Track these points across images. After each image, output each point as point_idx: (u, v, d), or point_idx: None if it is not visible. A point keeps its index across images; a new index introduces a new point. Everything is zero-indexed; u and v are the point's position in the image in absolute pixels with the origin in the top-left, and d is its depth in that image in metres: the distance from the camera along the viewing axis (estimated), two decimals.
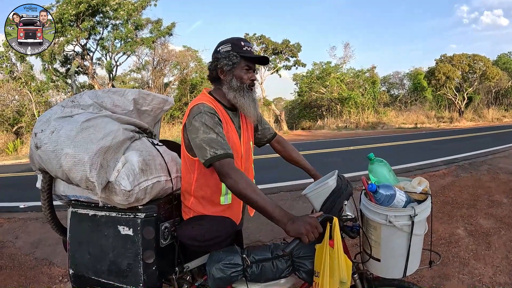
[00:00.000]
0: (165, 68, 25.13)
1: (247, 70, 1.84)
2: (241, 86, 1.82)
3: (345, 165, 8.56)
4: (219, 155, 1.59)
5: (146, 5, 19.97)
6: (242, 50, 1.81)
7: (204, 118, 1.67)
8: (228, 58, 1.80)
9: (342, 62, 29.95)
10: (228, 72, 1.83)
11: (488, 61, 29.52)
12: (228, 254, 1.68)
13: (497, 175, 6.66)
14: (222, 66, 1.82)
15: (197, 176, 1.80)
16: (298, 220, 1.43)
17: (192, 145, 1.69)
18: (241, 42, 1.83)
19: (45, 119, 1.69)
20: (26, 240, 4.51)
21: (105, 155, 1.55)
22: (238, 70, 1.82)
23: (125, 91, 2.03)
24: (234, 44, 1.82)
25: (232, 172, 1.56)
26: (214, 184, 1.80)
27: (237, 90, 1.82)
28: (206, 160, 1.61)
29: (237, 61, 1.80)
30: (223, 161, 1.59)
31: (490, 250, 3.74)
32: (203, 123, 1.65)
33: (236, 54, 1.80)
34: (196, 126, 1.66)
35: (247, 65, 1.83)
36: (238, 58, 1.80)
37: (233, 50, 1.80)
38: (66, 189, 1.80)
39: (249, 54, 1.82)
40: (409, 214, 1.52)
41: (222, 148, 1.61)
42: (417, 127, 23.80)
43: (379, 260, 1.63)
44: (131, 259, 1.63)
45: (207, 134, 1.63)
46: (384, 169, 1.74)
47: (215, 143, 1.61)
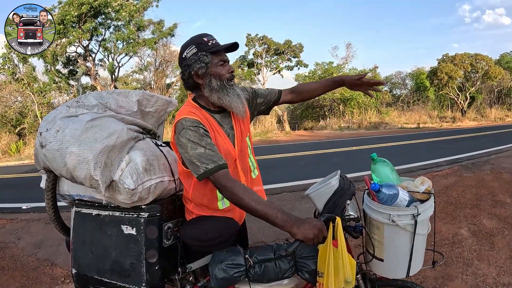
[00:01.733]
0: (167, 69, 25.20)
1: (222, 64, 1.74)
2: (222, 84, 1.73)
3: (348, 165, 8.57)
4: (211, 169, 1.56)
5: (148, 6, 20.04)
6: (209, 46, 1.70)
7: (188, 134, 1.61)
8: (198, 60, 1.70)
9: (344, 62, 29.94)
10: (204, 74, 1.72)
11: (491, 60, 29.44)
12: (231, 254, 1.68)
13: (500, 174, 6.64)
14: (197, 70, 1.71)
15: (193, 185, 1.78)
16: (304, 223, 1.41)
17: (184, 159, 1.66)
18: (203, 38, 1.72)
19: (50, 118, 1.71)
20: (29, 241, 4.52)
21: (109, 154, 1.56)
22: (213, 68, 1.72)
23: (129, 92, 2.04)
24: (198, 44, 1.72)
25: (228, 184, 1.54)
26: (209, 193, 1.77)
27: (219, 90, 1.73)
28: (199, 175, 1.58)
29: (209, 59, 1.70)
30: (216, 174, 1.56)
31: (493, 250, 3.73)
32: (189, 140, 1.60)
33: (204, 53, 1.69)
34: (183, 142, 1.61)
35: (220, 59, 1.73)
36: (208, 56, 1.70)
37: (200, 50, 1.70)
38: (70, 188, 1.81)
39: (217, 47, 1.72)
40: (412, 213, 1.51)
41: (213, 161, 1.57)
42: (419, 127, 23.75)
43: (382, 260, 1.63)
44: (134, 258, 1.63)
45: (194, 150, 1.58)
46: (386, 169, 1.74)
47: (204, 157, 1.57)
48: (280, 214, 1.45)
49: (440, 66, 29.19)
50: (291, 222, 1.42)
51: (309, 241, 1.39)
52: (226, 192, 1.55)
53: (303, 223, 1.41)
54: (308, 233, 1.38)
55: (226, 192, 1.55)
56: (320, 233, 1.40)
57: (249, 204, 1.49)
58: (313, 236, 1.38)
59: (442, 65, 29.17)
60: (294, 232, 1.40)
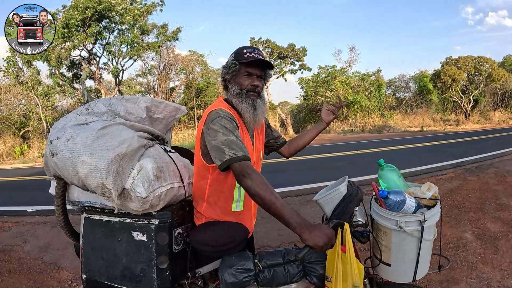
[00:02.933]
0: (171, 72, 25.29)
1: (248, 76, 1.86)
2: (240, 92, 1.85)
3: (352, 169, 8.57)
4: (239, 156, 1.58)
5: (152, 10, 20.16)
6: (243, 58, 1.83)
7: (223, 121, 1.68)
8: (228, 67, 1.87)
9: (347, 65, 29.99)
10: (231, 80, 1.90)
11: (494, 63, 29.43)
12: (240, 259, 1.69)
13: (504, 178, 6.65)
14: (225, 75, 1.91)
15: (210, 181, 1.81)
16: (316, 230, 1.40)
17: (209, 148, 1.69)
18: (243, 50, 1.86)
19: (60, 126, 1.71)
20: (35, 244, 4.55)
21: (121, 162, 1.57)
22: (238, 77, 1.87)
23: (138, 98, 2.07)
24: (237, 53, 1.87)
25: (252, 173, 1.55)
26: (227, 190, 1.82)
27: (237, 96, 1.86)
28: (224, 161, 1.59)
29: (237, 69, 1.86)
30: (243, 162, 1.58)
31: (498, 253, 3.73)
32: (223, 126, 1.66)
33: (235, 62, 1.85)
34: (215, 129, 1.66)
35: (247, 71, 1.85)
36: (237, 65, 1.85)
37: (235, 58, 1.86)
38: (80, 195, 1.82)
39: (247, 59, 1.83)
40: (419, 220, 1.53)
41: (242, 150, 1.61)
42: (423, 130, 23.72)
43: (389, 265, 1.65)
44: (145, 264, 1.65)
45: (226, 136, 1.63)
46: (394, 175, 1.75)
47: (235, 144, 1.62)
48: (295, 216, 1.45)
49: (444, 69, 29.19)
50: (304, 227, 1.41)
51: (319, 248, 1.39)
52: (249, 180, 1.53)
53: (314, 230, 1.40)
54: (319, 240, 1.38)
55: (249, 180, 1.53)
56: (330, 241, 1.41)
57: (269, 197, 1.48)
58: (323, 244, 1.38)
59: (445, 68, 29.17)
60: (305, 237, 1.40)
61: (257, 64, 1.86)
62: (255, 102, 1.87)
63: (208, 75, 27.76)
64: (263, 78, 1.92)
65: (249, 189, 1.53)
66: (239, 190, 1.84)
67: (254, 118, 1.86)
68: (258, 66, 1.87)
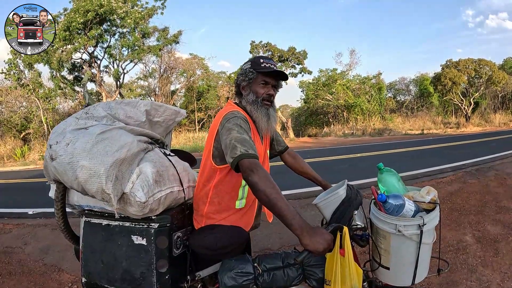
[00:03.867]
0: (171, 75, 25.33)
1: (264, 85, 1.93)
2: (255, 100, 1.92)
3: (353, 172, 8.56)
4: (250, 153, 1.62)
5: (153, 13, 20.19)
6: (260, 67, 1.91)
7: (239, 121, 1.75)
8: (245, 74, 1.95)
9: (348, 68, 30.02)
10: (246, 87, 1.97)
11: (494, 65, 29.45)
12: (240, 262, 1.70)
13: (504, 180, 6.64)
14: (241, 81, 1.98)
15: (216, 182, 1.84)
16: (316, 235, 1.40)
17: (222, 146, 1.73)
18: (260, 59, 1.94)
19: (60, 130, 1.72)
20: (35, 246, 4.54)
21: (120, 167, 1.58)
22: (254, 85, 1.94)
23: (138, 102, 2.07)
24: (253, 62, 1.94)
25: (260, 170, 1.57)
26: (232, 189, 1.85)
27: (252, 104, 1.92)
28: (235, 157, 1.61)
29: (253, 77, 1.93)
30: (252, 159, 1.60)
31: (498, 256, 3.73)
32: (238, 125, 1.73)
33: (253, 70, 1.92)
34: (230, 127, 1.72)
35: (264, 80, 1.93)
36: (254, 74, 1.92)
37: (252, 67, 1.93)
38: (80, 199, 1.82)
39: (265, 69, 1.90)
40: (418, 224, 1.53)
41: (253, 149, 1.65)
42: (423, 133, 23.73)
43: (388, 268, 1.65)
44: (145, 268, 1.66)
45: (241, 134, 1.69)
46: (393, 179, 1.76)
47: (248, 143, 1.66)
48: (298, 218, 1.45)
49: (444, 72, 29.21)
50: (305, 230, 1.41)
51: (318, 253, 1.40)
52: (256, 176, 1.55)
53: (315, 235, 1.40)
54: (319, 246, 1.39)
55: (256, 176, 1.55)
56: (329, 246, 1.41)
57: (274, 195, 1.50)
58: (322, 250, 1.39)
59: (445, 70, 29.20)
60: (305, 242, 1.39)
61: (274, 74, 1.94)
62: (269, 111, 1.95)
63: (209, 78, 27.81)
64: (276, 87, 2.00)
65: (256, 185, 1.53)
66: (243, 189, 1.86)
67: (268, 126, 1.95)
68: (273, 76, 1.95)
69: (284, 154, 2.36)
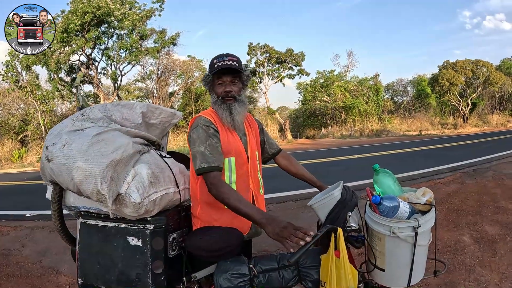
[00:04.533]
0: (169, 77, 25.28)
1: (220, 84, 1.97)
2: (217, 100, 1.98)
3: (350, 173, 8.56)
4: (204, 167, 1.74)
5: (150, 15, 20.17)
6: (214, 68, 1.93)
7: (199, 131, 1.84)
8: (205, 80, 2.03)
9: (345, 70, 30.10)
10: (210, 91, 2.04)
11: (491, 66, 29.55)
12: (236, 264, 1.70)
13: (502, 181, 6.66)
14: (204, 86, 2.06)
15: (200, 182, 1.87)
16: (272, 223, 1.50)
17: (191, 153, 1.84)
18: (214, 60, 1.96)
19: (56, 132, 1.73)
20: (33, 249, 4.54)
21: (116, 168, 1.58)
22: (214, 87, 2.00)
23: (134, 104, 2.08)
24: (210, 65, 1.99)
25: (215, 183, 1.71)
26: None
27: (215, 104, 1.99)
28: (197, 169, 1.77)
29: (210, 80, 2.00)
30: (208, 174, 1.74)
31: (496, 256, 3.73)
32: (197, 137, 1.82)
33: (209, 74, 1.98)
34: (193, 138, 1.84)
35: (218, 79, 1.97)
36: (210, 76, 1.99)
37: (209, 70, 1.98)
38: (76, 200, 1.83)
39: (216, 68, 1.92)
40: (413, 226, 1.53)
41: (207, 162, 1.76)
42: (421, 134, 23.78)
43: (383, 270, 1.65)
44: (140, 269, 1.66)
45: (199, 147, 1.79)
46: (389, 180, 1.76)
47: (202, 156, 1.77)
48: (258, 213, 1.59)
49: (441, 73, 29.30)
50: (264, 220, 1.53)
51: (280, 239, 1.44)
52: (213, 190, 1.70)
53: (272, 222, 1.50)
54: (276, 231, 1.46)
55: (213, 190, 1.70)
56: (286, 230, 1.44)
57: (233, 203, 1.63)
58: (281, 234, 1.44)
59: (443, 71, 29.28)
60: (267, 230, 1.51)
61: (226, 71, 1.95)
62: (231, 106, 1.96)
63: None
64: (238, 81, 2.01)
65: (217, 197, 1.70)
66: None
67: (231, 120, 1.96)
68: (228, 72, 1.96)
69: (277, 156, 2.36)
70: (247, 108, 2.09)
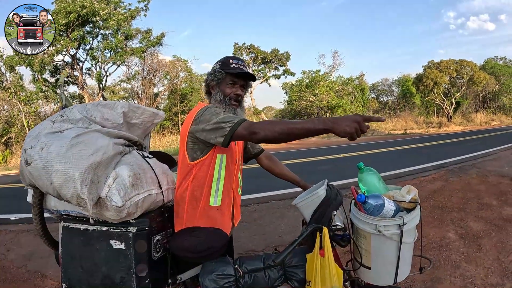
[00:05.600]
0: (155, 78, 25.13)
1: (232, 85, 1.98)
2: (223, 99, 1.97)
3: (336, 172, 8.60)
4: (237, 122, 1.66)
5: (135, 15, 20.03)
6: (229, 67, 1.95)
7: (213, 109, 1.79)
8: (214, 74, 1.99)
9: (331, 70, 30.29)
10: (215, 87, 2.02)
11: (475, 66, 29.95)
12: (221, 265, 1.70)
13: (486, 178, 6.77)
14: (210, 81, 2.03)
15: (193, 177, 1.84)
16: (342, 120, 1.42)
17: (205, 135, 1.75)
18: (229, 60, 1.99)
19: (35, 134, 1.67)
20: (18, 253, 4.47)
21: (96, 171, 1.54)
22: (223, 85, 1.99)
23: (115, 104, 2.04)
24: (223, 62, 1.99)
25: (257, 125, 1.61)
26: (205, 184, 1.84)
27: (220, 103, 1.97)
28: (226, 134, 1.66)
29: (222, 77, 1.98)
30: (243, 124, 1.65)
31: (481, 252, 3.78)
32: (213, 112, 1.76)
33: (221, 71, 1.97)
34: (207, 116, 1.76)
35: (232, 80, 1.98)
36: (223, 74, 1.97)
37: (221, 67, 1.98)
38: (57, 204, 1.78)
39: (233, 70, 1.95)
40: (398, 224, 1.54)
41: (236, 117, 1.71)
42: (406, 133, 24.00)
43: (369, 268, 1.66)
44: (124, 272, 1.63)
45: (219, 115, 1.73)
46: (373, 178, 1.76)
47: (229, 117, 1.71)
48: (317, 120, 1.48)
49: (426, 73, 29.63)
50: (330, 123, 1.43)
51: (351, 135, 1.40)
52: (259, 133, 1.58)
53: (341, 120, 1.42)
54: (347, 129, 1.39)
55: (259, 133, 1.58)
56: (358, 126, 1.40)
57: (286, 130, 1.52)
58: (354, 130, 1.40)
59: (427, 71, 29.60)
60: (336, 130, 1.41)
61: (241, 75, 1.98)
62: (236, 111, 1.97)
63: (192, 80, 27.69)
64: (244, 87, 2.05)
65: (267, 138, 1.58)
66: (217, 183, 1.87)
67: None
68: (241, 76, 2.00)
69: (260, 156, 2.36)
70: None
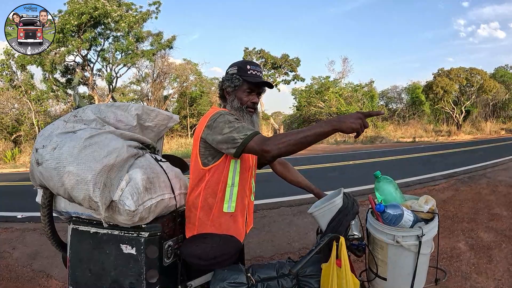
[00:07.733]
0: (164, 80, 25.27)
1: (249, 92, 1.94)
2: (240, 107, 1.93)
3: (345, 180, 8.56)
4: (249, 135, 1.63)
5: (147, 18, 20.20)
6: (246, 74, 1.92)
7: (226, 117, 1.73)
8: (231, 80, 1.93)
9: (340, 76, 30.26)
10: (231, 93, 1.96)
11: (485, 74, 29.85)
12: (233, 272, 1.66)
13: (496, 188, 6.69)
14: (226, 87, 1.96)
15: (206, 183, 1.81)
16: (347, 118, 1.45)
17: (216, 143, 1.73)
18: (247, 65, 1.94)
19: (47, 134, 1.64)
20: (24, 251, 4.47)
21: (109, 174, 1.51)
22: (240, 92, 1.94)
23: (129, 106, 2.01)
24: (240, 68, 1.94)
25: (268, 141, 1.58)
26: (219, 190, 1.82)
27: (237, 110, 1.93)
28: (238, 146, 1.64)
29: (239, 84, 1.92)
30: (255, 138, 1.63)
31: (491, 263, 3.73)
32: (227, 121, 1.71)
33: (239, 77, 1.92)
34: (220, 124, 1.72)
35: (249, 87, 1.93)
36: (240, 81, 1.92)
37: (238, 72, 1.93)
38: (67, 205, 1.75)
39: (252, 78, 1.92)
40: (417, 234, 1.51)
41: (250, 129, 1.67)
42: (415, 141, 23.88)
43: (385, 279, 1.62)
44: (134, 278, 1.59)
45: (232, 126, 1.68)
46: (390, 187, 1.73)
47: (242, 128, 1.67)
48: (324, 123, 1.50)
49: (436, 80, 29.56)
50: (336, 123, 1.46)
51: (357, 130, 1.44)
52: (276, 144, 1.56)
53: (345, 118, 1.45)
54: (353, 125, 1.43)
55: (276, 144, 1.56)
56: (362, 123, 1.44)
57: (299, 140, 1.52)
58: (359, 126, 1.43)
59: (437, 79, 29.53)
60: (343, 127, 1.44)
61: (258, 84, 1.95)
62: (252, 118, 1.96)
63: (202, 84, 27.78)
64: (260, 93, 2.01)
65: (280, 154, 1.57)
66: (231, 189, 1.84)
67: None
68: (257, 84, 1.96)
69: (274, 162, 2.31)
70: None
